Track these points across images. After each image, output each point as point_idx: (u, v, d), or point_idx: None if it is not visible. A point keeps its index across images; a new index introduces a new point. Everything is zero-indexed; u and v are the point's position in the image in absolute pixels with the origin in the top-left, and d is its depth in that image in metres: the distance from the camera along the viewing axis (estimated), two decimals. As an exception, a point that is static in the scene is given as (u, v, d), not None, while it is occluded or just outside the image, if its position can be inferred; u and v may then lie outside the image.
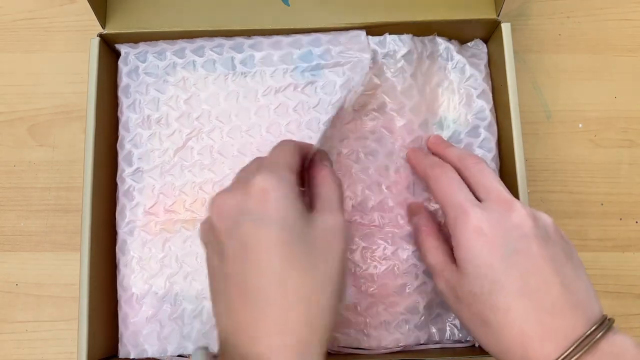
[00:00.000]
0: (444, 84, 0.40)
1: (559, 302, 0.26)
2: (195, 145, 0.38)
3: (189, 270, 0.37)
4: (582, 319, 0.26)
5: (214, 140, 0.38)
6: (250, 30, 0.39)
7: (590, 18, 0.49)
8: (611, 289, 0.44)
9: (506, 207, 0.29)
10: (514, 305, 0.26)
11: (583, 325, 0.26)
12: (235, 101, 0.38)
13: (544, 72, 0.47)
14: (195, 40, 0.39)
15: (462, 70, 0.40)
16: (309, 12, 0.39)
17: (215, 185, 0.38)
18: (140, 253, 0.37)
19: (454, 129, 0.39)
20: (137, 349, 0.36)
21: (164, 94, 0.39)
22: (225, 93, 0.39)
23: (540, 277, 0.27)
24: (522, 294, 0.27)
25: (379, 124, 0.39)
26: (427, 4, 0.39)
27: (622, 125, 0.47)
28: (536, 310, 0.26)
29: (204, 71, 0.39)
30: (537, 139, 0.46)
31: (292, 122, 0.38)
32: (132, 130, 0.39)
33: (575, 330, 0.25)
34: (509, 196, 0.30)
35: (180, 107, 0.39)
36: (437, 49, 0.40)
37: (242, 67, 0.39)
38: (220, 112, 0.38)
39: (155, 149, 0.38)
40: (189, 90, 0.39)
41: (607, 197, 0.46)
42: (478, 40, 0.42)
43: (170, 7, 0.39)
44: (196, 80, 0.39)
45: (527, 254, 0.27)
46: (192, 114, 0.39)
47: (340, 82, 0.38)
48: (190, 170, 0.38)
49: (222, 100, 0.39)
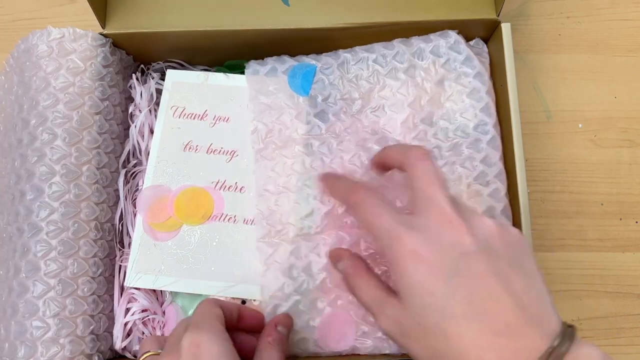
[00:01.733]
0: (450, 77, 0.40)
1: (512, 321, 0.24)
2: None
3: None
4: (541, 335, 0.23)
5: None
6: (251, 30, 0.39)
7: (590, 18, 0.49)
8: (611, 289, 0.44)
9: (442, 223, 0.26)
10: (465, 331, 0.24)
11: (543, 342, 0.23)
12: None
13: (544, 72, 0.47)
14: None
15: (472, 65, 0.40)
16: (309, 12, 0.39)
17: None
18: None
19: (461, 121, 0.39)
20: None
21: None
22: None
23: (488, 297, 0.24)
24: (471, 318, 0.24)
25: (379, 122, 0.39)
26: (427, 4, 0.39)
27: (622, 125, 0.47)
28: (490, 334, 0.23)
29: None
30: (537, 139, 0.46)
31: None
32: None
33: (535, 349, 0.23)
34: (448, 208, 0.27)
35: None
36: (441, 43, 0.40)
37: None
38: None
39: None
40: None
41: (607, 197, 0.46)
42: (479, 40, 0.42)
43: (170, 7, 0.39)
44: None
45: (469, 273, 0.25)
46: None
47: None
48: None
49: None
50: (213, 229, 0.38)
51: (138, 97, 0.42)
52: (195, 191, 0.39)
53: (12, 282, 0.34)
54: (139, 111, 0.42)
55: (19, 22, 0.48)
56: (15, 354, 0.33)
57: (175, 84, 0.41)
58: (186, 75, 0.42)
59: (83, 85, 0.37)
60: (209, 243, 0.38)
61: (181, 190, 0.39)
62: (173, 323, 0.38)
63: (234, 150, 0.40)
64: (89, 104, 0.38)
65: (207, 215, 0.38)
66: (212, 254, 0.38)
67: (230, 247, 0.38)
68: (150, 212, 0.38)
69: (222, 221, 0.38)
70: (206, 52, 0.43)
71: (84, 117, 0.37)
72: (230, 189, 0.39)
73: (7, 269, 0.36)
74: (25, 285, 0.34)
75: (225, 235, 0.38)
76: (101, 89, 0.39)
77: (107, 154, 0.39)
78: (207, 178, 0.39)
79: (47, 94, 0.36)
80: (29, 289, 0.34)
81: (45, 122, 0.36)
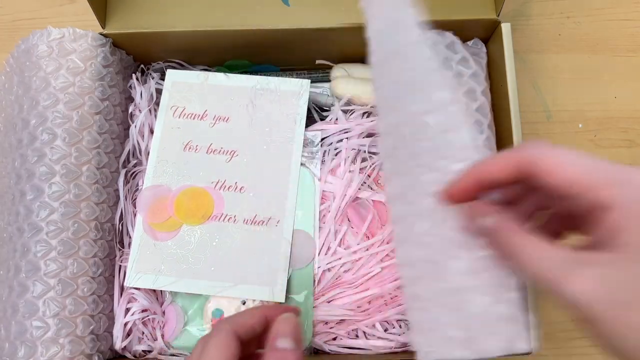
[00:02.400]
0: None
1: None
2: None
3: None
4: None
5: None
6: (251, 30, 0.39)
7: (590, 18, 0.49)
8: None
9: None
10: None
11: None
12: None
13: (544, 72, 0.47)
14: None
15: (467, 65, 0.40)
16: (309, 12, 0.39)
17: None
18: None
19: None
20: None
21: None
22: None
23: None
24: None
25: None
26: (427, 4, 0.39)
27: (622, 125, 0.47)
28: None
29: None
30: (537, 139, 0.46)
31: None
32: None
33: None
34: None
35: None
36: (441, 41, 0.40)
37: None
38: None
39: None
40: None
41: (607, 197, 0.46)
42: (477, 40, 0.42)
43: (170, 7, 0.39)
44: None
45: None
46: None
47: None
48: None
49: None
50: (213, 228, 0.38)
51: (138, 97, 0.42)
52: (195, 191, 0.39)
53: (13, 282, 0.34)
54: (139, 111, 0.42)
55: (19, 22, 0.48)
56: (16, 354, 0.33)
57: (175, 84, 0.41)
58: (186, 75, 0.42)
59: (83, 85, 0.37)
60: (209, 243, 0.38)
61: (181, 190, 0.39)
62: (173, 323, 0.38)
63: (234, 150, 0.40)
64: (89, 104, 0.38)
65: (207, 215, 0.38)
66: (212, 254, 0.38)
67: (230, 247, 0.38)
68: (150, 212, 0.38)
69: (222, 221, 0.38)
70: (206, 52, 0.43)
71: (83, 117, 0.37)
72: (230, 189, 0.39)
73: (7, 268, 0.36)
74: (25, 285, 0.34)
75: (226, 235, 0.38)
76: (101, 89, 0.39)
77: (107, 154, 0.39)
78: (207, 178, 0.39)
79: (47, 94, 0.36)
80: (29, 288, 0.34)
81: (45, 122, 0.36)
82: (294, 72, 0.46)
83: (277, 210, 0.39)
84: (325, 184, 0.40)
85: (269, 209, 0.39)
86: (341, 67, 0.43)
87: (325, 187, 0.39)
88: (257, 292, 0.37)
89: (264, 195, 0.39)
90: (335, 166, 0.40)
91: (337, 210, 0.39)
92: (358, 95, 0.41)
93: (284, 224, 0.39)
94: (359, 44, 0.42)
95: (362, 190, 0.39)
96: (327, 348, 0.38)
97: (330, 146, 0.41)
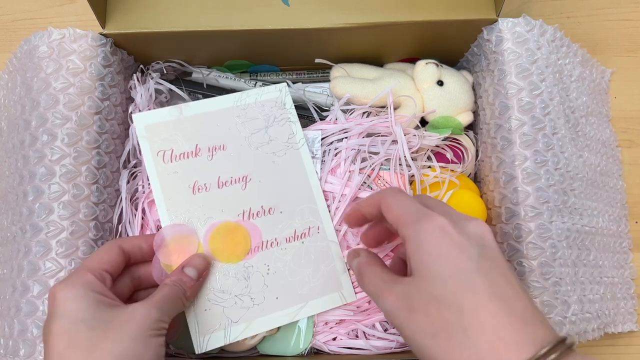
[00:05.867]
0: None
1: (529, 310, 0.25)
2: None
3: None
4: (549, 328, 0.25)
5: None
6: (251, 31, 0.39)
7: (590, 18, 0.49)
8: (611, 288, 0.44)
9: (462, 217, 0.29)
10: (483, 308, 0.25)
11: (552, 334, 0.24)
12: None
13: (544, 72, 0.47)
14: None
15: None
16: (309, 12, 0.39)
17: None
18: None
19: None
20: None
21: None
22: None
23: (509, 285, 0.26)
24: (492, 297, 0.25)
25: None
26: (427, 4, 0.39)
27: (622, 125, 0.47)
28: (507, 314, 0.24)
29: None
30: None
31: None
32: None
33: (546, 340, 0.24)
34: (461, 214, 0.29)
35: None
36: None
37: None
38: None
39: None
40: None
41: (607, 197, 0.46)
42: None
43: (170, 7, 0.39)
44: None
45: (494, 261, 0.26)
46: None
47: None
48: None
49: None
50: (261, 259, 0.37)
51: (138, 97, 0.42)
52: (227, 228, 0.37)
53: (16, 282, 0.35)
54: (139, 111, 0.42)
55: (19, 22, 0.48)
56: (17, 352, 0.33)
57: (149, 128, 0.38)
58: (157, 115, 0.38)
59: (83, 85, 0.37)
60: (262, 275, 0.37)
61: (210, 233, 0.37)
62: (174, 323, 0.37)
63: (245, 176, 0.38)
64: (89, 104, 0.38)
65: (246, 249, 0.37)
66: (270, 285, 0.36)
67: (285, 271, 0.37)
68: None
69: (265, 249, 0.37)
70: (206, 52, 0.43)
71: (83, 117, 0.37)
72: (259, 215, 0.38)
73: (11, 267, 0.36)
74: (26, 284, 0.34)
75: (275, 261, 0.37)
76: (101, 89, 0.39)
77: (108, 153, 0.39)
78: (232, 212, 0.37)
79: (47, 95, 0.36)
80: (30, 288, 0.34)
81: (45, 123, 0.36)
82: (294, 72, 0.46)
83: (313, 217, 0.38)
84: (325, 183, 0.40)
85: (304, 219, 0.38)
86: (341, 67, 0.43)
87: (325, 187, 0.39)
88: (328, 302, 0.37)
89: (294, 208, 0.38)
90: (335, 166, 0.40)
91: (336, 210, 0.39)
92: (357, 95, 0.41)
93: (325, 227, 0.38)
94: (359, 44, 0.42)
95: (362, 190, 0.40)
96: (327, 348, 0.38)
97: (330, 146, 0.41)
